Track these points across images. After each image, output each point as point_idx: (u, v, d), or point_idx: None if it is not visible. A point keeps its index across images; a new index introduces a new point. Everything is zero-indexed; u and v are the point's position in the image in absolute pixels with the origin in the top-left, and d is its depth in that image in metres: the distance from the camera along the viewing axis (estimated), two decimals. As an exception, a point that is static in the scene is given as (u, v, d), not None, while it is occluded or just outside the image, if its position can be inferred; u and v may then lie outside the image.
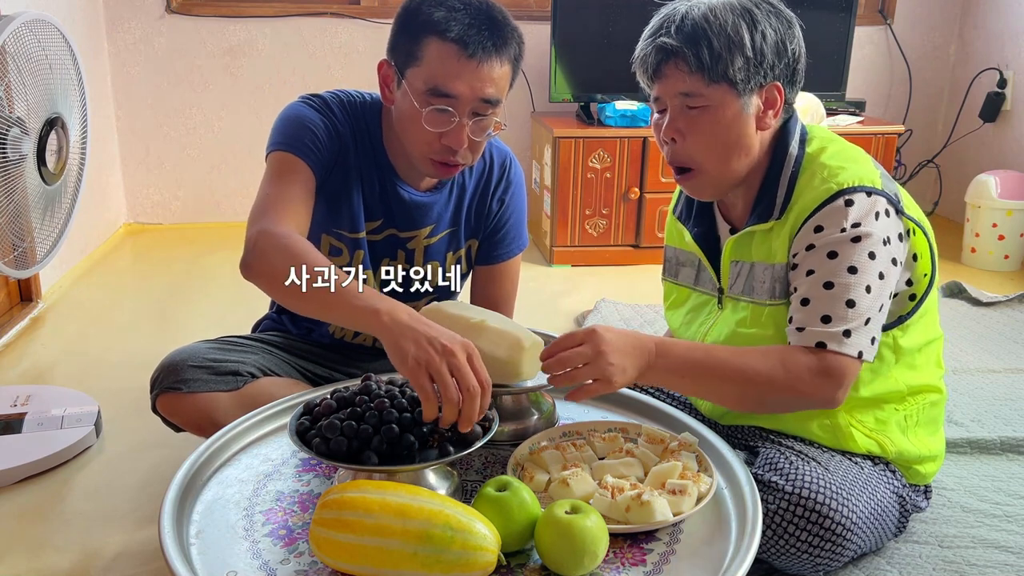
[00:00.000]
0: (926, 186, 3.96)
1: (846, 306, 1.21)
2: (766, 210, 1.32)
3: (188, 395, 1.42)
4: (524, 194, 1.65)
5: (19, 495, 1.65)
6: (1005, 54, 3.58)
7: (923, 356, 1.38)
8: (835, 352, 1.20)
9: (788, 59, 1.29)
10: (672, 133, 1.31)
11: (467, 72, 1.32)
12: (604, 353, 1.13)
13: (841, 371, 1.21)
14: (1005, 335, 2.52)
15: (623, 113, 3.13)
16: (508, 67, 1.36)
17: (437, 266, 1.58)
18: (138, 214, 3.63)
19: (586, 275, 3.14)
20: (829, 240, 1.23)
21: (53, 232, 2.03)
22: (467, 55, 1.31)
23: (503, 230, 1.62)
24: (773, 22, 1.27)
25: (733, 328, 1.36)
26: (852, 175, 1.25)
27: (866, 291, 1.22)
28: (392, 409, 1.07)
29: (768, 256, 1.32)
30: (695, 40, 1.25)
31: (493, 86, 1.35)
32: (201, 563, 1.00)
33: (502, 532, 0.98)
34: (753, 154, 1.32)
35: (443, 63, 1.32)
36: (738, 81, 1.26)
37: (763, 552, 1.25)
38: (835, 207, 1.24)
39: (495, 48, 1.33)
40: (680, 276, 1.51)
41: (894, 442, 1.36)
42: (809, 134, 1.36)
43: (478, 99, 1.34)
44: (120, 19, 3.39)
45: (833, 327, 1.21)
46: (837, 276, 1.22)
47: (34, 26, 1.81)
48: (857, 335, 1.21)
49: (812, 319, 1.22)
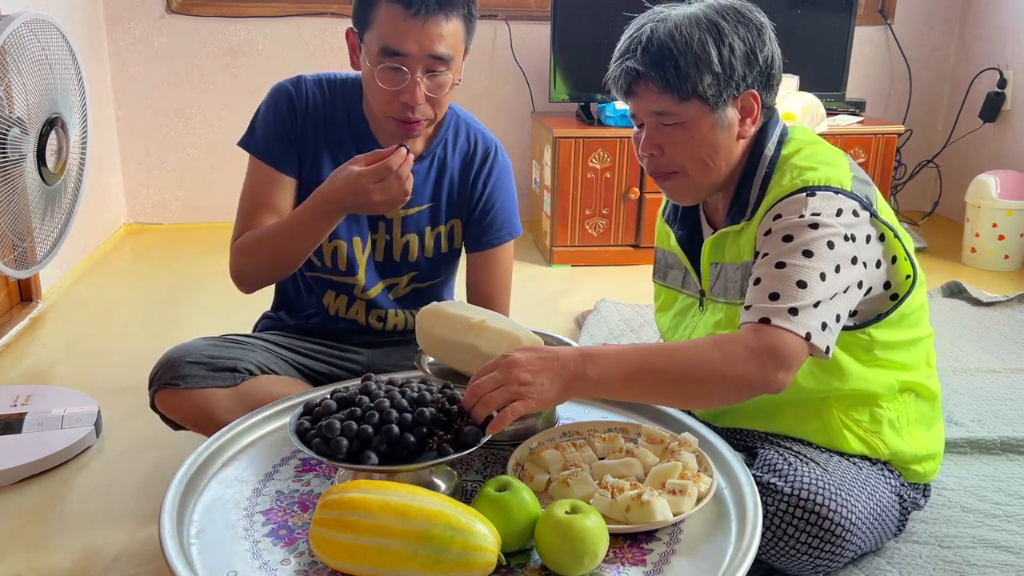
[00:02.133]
0: (926, 186, 3.96)
1: (796, 286, 1.16)
2: (739, 211, 1.32)
3: (186, 391, 1.43)
4: (511, 182, 1.68)
5: (19, 495, 1.65)
6: (1005, 54, 3.58)
7: (911, 354, 1.37)
8: (778, 327, 1.13)
9: (760, 67, 1.28)
10: (651, 148, 1.31)
11: (413, 30, 1.38)
12: (514, 374, 1.08)
13: (782, 348, 1.12)
14: (1005, 335, 2.51)
15: (623, 113, 3.12)
16: (458, 23, 1.41)
17: (416, 239, 1.61)
18: (138, 214, 3.63)
19: (586, 275, 3.14)
20: (786, 224, 1.21)
21: (53, 232, 2.03)
22: (411, 13, 1.37)
23: (490, 215, 1.64)
24: (741, 32, 1.26)
25: (711, 330, 1.36)
26: (820, 175, 1.24)
27: (820, 277, 1.17)
28: (392, 409, 1.07)
29: (738, 256, 1.32)
30: (661, 62, 1.24)
31: (442, 43, 1.40)
32: (201, 563, 1.00)
33: (502, 532, 0.98)
34: (733, 160, 1.32)
35: (391, 23, 1.38)
36: (709, 97, 1.25)
37: (763, 553, 1.25)
38: (796, 198, 1.23)
39: (439, 5, 1.38)
40: (668, 278, 1.52)
41: (887, 443, 1.35)
42: (789, 135, 1.35)
43: (427, 56, 1.40)
44: (120, 19, 3.39)
45: (780, 303, 1.15)
46: (790, 257, 1.18)
47: (34, 26, 1.81)
48: (805, 315, 1.14)
49: (761, 297, 1.18)
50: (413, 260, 1.63)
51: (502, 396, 1.08)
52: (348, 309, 1.65)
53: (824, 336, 1.16)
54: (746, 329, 1.16)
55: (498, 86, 3.65)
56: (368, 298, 1.63)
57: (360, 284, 1.61)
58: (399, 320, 1.67)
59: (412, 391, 1.13)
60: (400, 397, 1.11)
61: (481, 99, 3.64)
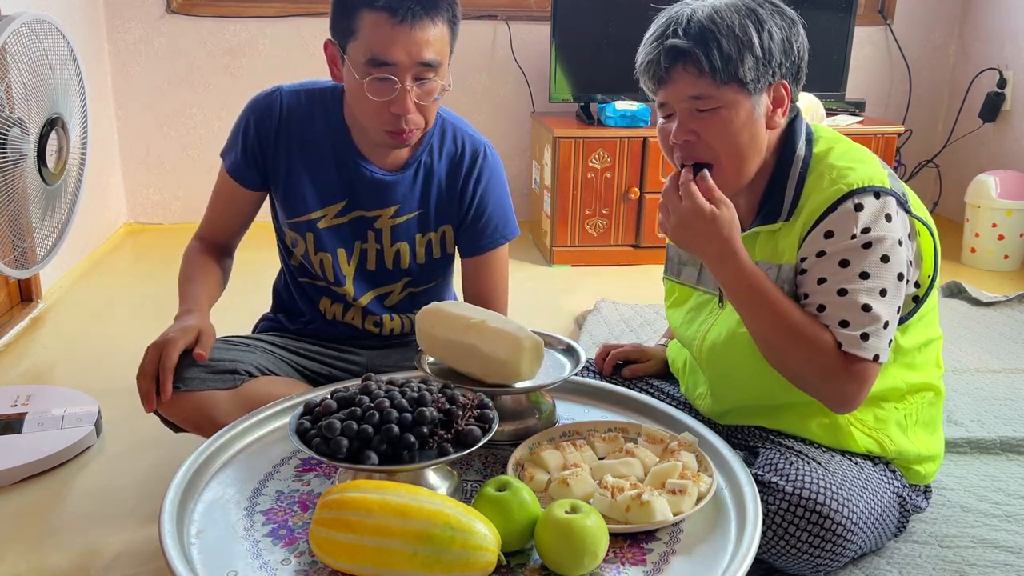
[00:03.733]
0: (926, 186, 3.96)
1: (862, 311, 1.22)
2: (773, 211, 1.31)
3: (186, 394, 1.42)
4: (503, 183, 1.65)
5: (19, 495, 1.65)
6: (1005, 54, 3.58)
7: (922, 356, 1.38)
8: (852, 354, 1.22)
9: (794, 57, 1.29)
10: (685, 135, 1.28)
11: (400, 37, 1.35)
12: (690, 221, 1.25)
13: (860, 376, 1.23)
14: (1005, 335, 2.52)
15: (623, 113, 3.13)
16: (443, 27, 1.39)
17: (407, 247, 1.60)
18: (138, 214, 3.63)
19: (586, 275, 3.14)
20: (840, 248, 1.23)
21: (53, 232, 2.03)
22: (397, 21, 1.34)
23: (483, 219, 1.61)
24: (778, 20, 1.27)
25: (733, 327, 1.36)
26: (861, 175, 1.25)
27: (880, 295, 1.22)
28: (392, 409, 1.07)
29: (773, 256, 1.32)
30: (704, 41, 1.23)
31: (429, 48, 1.37)
32: (201, 563, 1.00)
33: (502, 532, 0.98)
34: (763, 153, 1.31)
35: (376, 32, 1.35)
36: (748, 81, 1.25)
37: (763, 552, 1.25)
38: (845, 211, 1.23)
39: (424, 11, 1.35)
40: (682, 275, 1.51)
41: (894, 440, 1.36)
42: (815, 134, 1.35)
43: (416, 63, 1.37)
44: (120, 19, 3.39)
45: (851, 331, 1.22)
46: (850, 283, 1.22)
47: (34, 26, 1.81)
48: (875, 338, 1.22)
49: (832, 324, 1.23)
50: (405, 267, 1.62)
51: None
52: (344, 315, 1.65)
53: (888, 351, 1.26)
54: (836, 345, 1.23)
55: (498, 86, 3.65)
56: (360, 306, 1.63)
57: (350, 294, 1.61)
58: (395, 324, 1.67)
59: (412, 391, 1.13)
60: (400, 397, 1.11)
61: (481, 99, 3.64)
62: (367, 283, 1.62)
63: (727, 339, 1.36)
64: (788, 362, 1.26)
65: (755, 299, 1.25)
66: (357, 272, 1.61)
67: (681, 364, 1.55)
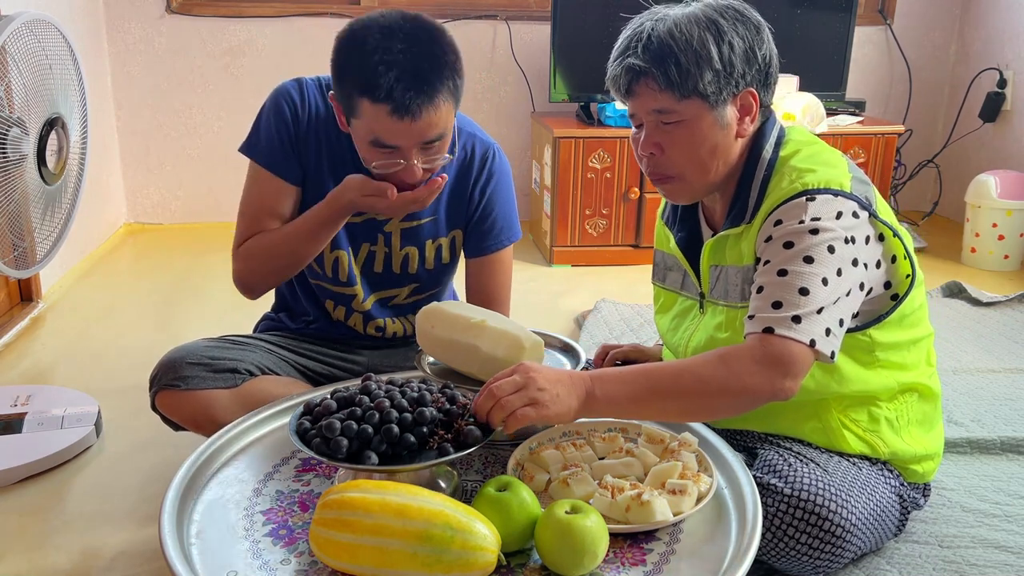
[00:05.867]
0: (926, 186, 3.96)
1: (799, 293, 1.17)
2: (739, 213, 1.31)
3: (187, 392, 1.43)
4: (510, 185, 1.64)
5: (19, 495, 1.65)
6: (1005, 54, 3.58)
7: (911, 354, 1.37)
8: (782, 336, 1.15)
9: (759, 64, 1.28)
10: (651, 148, 1.30)
11: (402, 128, 1.31)
12: (534, 379, 1.10)
13: (787, 357, 1.14)
14: (1005, 335, 2.51)
15: (623, 113, 3.12)
16: (446, 102, 1.34)
17: (415, 252, 1.59)
18: (138, 214, 3.63)
19: (586, 275, 3.14)
20: (787, 231, 1.22)
21: (53, 232, 2.03)
22: (398, 116, 1.30)
23: (489, 220, 1.61)
24: (740, 30, 1.26)
25: (711, 332, 1.36)
26: (819, 177, 1.24)
27: (822, 283, 1.18)
28: (392, 409, 1.08)
29: (739, 259, 1.32)
30: (662, 58, 1.24)
31: (433, 129, 1.34)
32: (201, 563, 1.00)
33: (502, 532, 0.98)
34: (731, 160, 1.32)
35: (378, 122, 1.32)
36: (709, 94, 1.25)
37: (763, 554, 1.25)
38: (796, 202, 1.22)
39: (427, 99, 1.30)
40: (667, 280, 1.51)
41: (887, 443, 1.35)
42: (787, 136, 1.35)
43: (419, 144, 1.35)
44: (120, 19, 3.39)
45: (783, 312, 1.17)
46: (791, 264, 1.19)
47: (34, 26, 1.81)
48: (808, 322, 1.16)
49: (764, 306, 1.19)
50: (413, 272, 1.61)
51: (520, 400, 1.09)
52: (347, 319, 1.64)
53: (828, 341, 1.17)
54: (751, 340, 1.18)
55: (498, 86, 3.65)
56: (364, 310, 1.62)
57: (359, 296, 1.60)
58: (397, 328, 1.66)
59: (412, 391, 1.13)
60: (400, 397, 1.11)
61: (481, 99, 3.64)
62: (372, 286, 1.62)
63: (706, 345, 1.36)
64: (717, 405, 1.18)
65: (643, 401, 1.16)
66: (363, 274, 1.60)
67: (678, 365, 1.55)
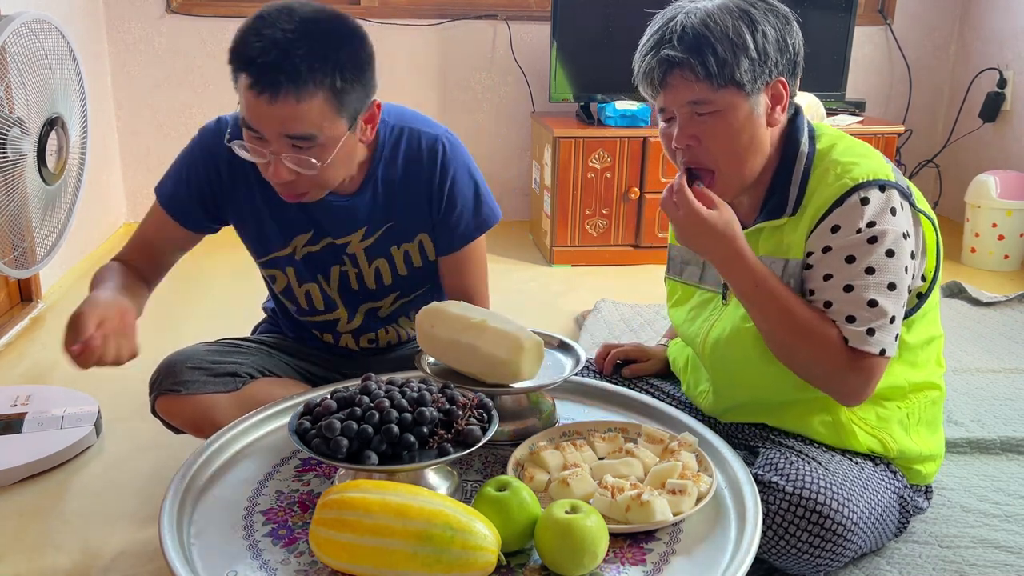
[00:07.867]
0: (926, 186, 3.95)
1: (868, 306, 1.23)
2: (777, 206, 1.32)
3: (187, 397, 1.42)
4: (469, 173, 1.50)
5: (19, 495, 1.65)
6: (1005, 54, 3.58)
7: (924, 354, 1.38)
8: (858, 349, 1.24)
9: (790, 54, 1.30)
10: (687, 140, 1.30)
11: (261, 108, 1.22)
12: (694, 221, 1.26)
13: (866, 366, 1.24)
14: (1005, 335, 2.51)
15: (623, 113, 3.13)
16: (319, 101, 1.23)
17: (385, 263, 1.53)
18: (138, 214, 3.63)
19: (586, 275, 3.14)
20: (846, 243, 1.24)
21: (53, 232, 2.03)
22: (257, 92, 1.21)
23: (454, 217, 1.49)
24: (771, 19, 1.27)
25: (737, 323, 1.36)
26: (865, 170, 1.26)
27: (889, 289, 1.24)
28: (392, 409, 1.07)
29: (778, 251, 1.32)
30: (699, 48, 1.24)
31: (297, 123, 1.23)
32: (201, 563, 1.00)
33: (502, 532, 0.98)
34: (766, 152, 1.32)
35: (246, 96, 1.24)
36: (745, 83, 1.25)
37: (763, 552, 1.25)
38: (851, 205, 1.24)
39: (291, 83, 1.20)
40: (685, 274, 1.51)
41: (896, 440, 1.36)
42: (818, 131, 1.36)
43: (283, 136, 1.25)
44: (120, 19, 3.39)
45: (857, 326, 1.23)
46: (856, 279, 1.24)
47: (34, 26, 1.81)
48: (881, 333, 1.23)
49: (838, 319, 1.25)
50: (389, 283, 1.54)
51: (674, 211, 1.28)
52: (338, 341, 1.61)
53: (895, 346, 1.27)
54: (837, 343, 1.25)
55: (498, 86, 3.65)
56: (353, 328, 1.59)
57: (343, 318, 1.57)
58: (391, 336, 1.63)
59: (412, 391, 1.13)
60: (400, 397, 1.11)
61: (481, 99, 3.64)
62: (354, 304, 1.57)
63: (731, 335, 1.36)
64: (796, 358, 1.28)
65: (763, 297, 1.26)
66: (341, 293, 1.55)
67: (683, 363, 1.55)
